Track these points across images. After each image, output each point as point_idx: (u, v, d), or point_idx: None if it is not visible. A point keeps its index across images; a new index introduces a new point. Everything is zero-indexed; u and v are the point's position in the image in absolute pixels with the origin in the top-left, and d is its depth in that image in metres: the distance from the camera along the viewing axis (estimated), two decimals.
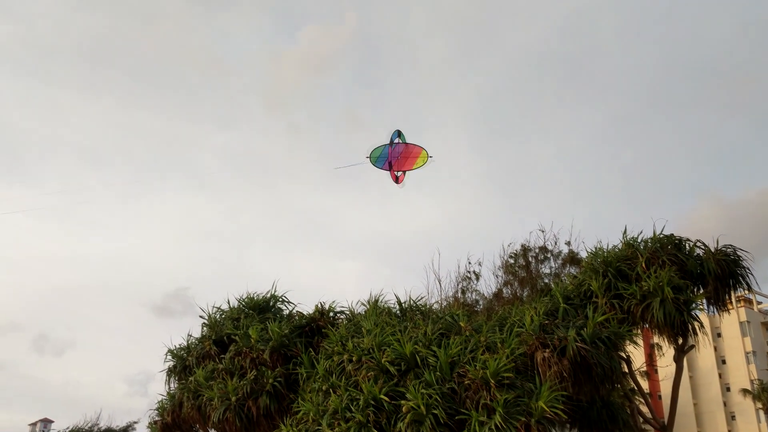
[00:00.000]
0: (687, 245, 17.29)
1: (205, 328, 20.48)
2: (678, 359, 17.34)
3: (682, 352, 17.10)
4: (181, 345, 20.46)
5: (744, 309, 72.50)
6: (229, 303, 20.96)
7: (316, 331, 18.62)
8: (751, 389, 63.17)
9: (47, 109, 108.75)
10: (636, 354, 18.44)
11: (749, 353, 71.05)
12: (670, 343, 16.83)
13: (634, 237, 17.43)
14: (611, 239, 17.92)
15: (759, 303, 76.59)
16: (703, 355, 67.00)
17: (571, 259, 32.01)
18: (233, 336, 18.84)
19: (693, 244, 17.31)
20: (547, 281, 30.83)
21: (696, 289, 17.06)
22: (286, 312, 20.74)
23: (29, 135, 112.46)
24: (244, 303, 20.84)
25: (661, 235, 17.24)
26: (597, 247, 17.76)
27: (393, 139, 22.98)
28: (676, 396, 17.78)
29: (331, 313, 19.36)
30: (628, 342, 16.03)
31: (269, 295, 21.01)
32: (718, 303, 17.24)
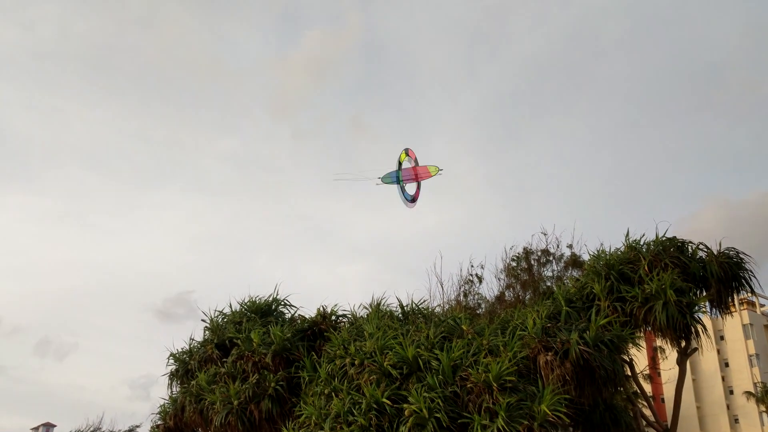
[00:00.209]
0: (689, 248, 17.26)
1: (208, 331, 20.48)
2: (681, 362, 17.30)
3: (684, 354, 17.06)
4: (184, 349, 20.46)
5: (747, 312, 72.33)
6: (232, 307, 20.98)
7: (318, 335, 18.61)
8: (755, 392, 63.02)
9: (51, 116, 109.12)
10: (639, 357, 18.41)
11: (752, 356, 70.88)
12: (672, 346, 16.79)
13: (636, 240, 17.40)
14: (614, 242, 17.95)
15: (762, 306, 76.41)
16: (706, 358, 66.73)
17: (574, 262, 31.95)
18: (235, 340, 18.84)
19: (696, 246, 17.27)
20: (550, 284, 30.76)
21: (699, 292, 17.02)
22: (288, 316, 20.73)
23: (33, 141, 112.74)
24: (246, 307, 20.83)
25: (664, 238, 17.22)
26: (599, 250, 17.75)
27: (401, 162, 22.60)
28: (679, 399, 17.73)
29: (334, 317, 19.36)
30: (630, 345, 16.01)
31: (271, 299, 21.01)
32: (720, 306, 17.20)
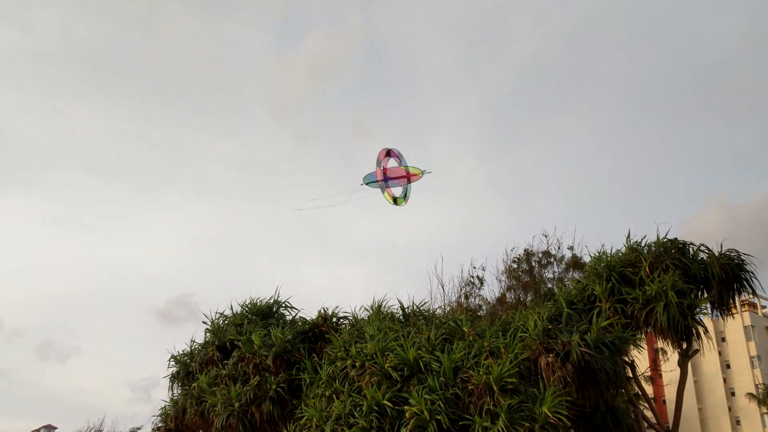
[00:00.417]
0: (691, 249, 17.24)
1: (209, 333, 20.48)
2: (682, 364, 17.27)
3: (686, 356, 17.04)
4: (185, 351, 20.47)
5: (748, 313, 72.29)
6: (233, 309, 20.98)
7: (319, 337, 18.61)
8: (756, 393, 63.01)
9: (51, 118, 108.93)
10: (640, 359, 18.40)
11: (754, 357, 70.84)
12: (674, 348, 16.77)
13: (637, 241, 17.38)
14: (614, 244, 17.89)
15: (763, 307, 76.39)
16: (708, 360, 66.66)
17: (575, 264, 31.92)
18: (236, 342, 18.83)
19: (697, 248, 17.25)
20: (551, 286, 30.75)
21: (700, 294, 17.00)
22: (289, 318, 20.73)
23: (33, 144, 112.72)
24: (247, 309, 20.84)
25: (665, 240, 17.20)
26: (600, 252, 17.73)
27: (380, 163, 21.77)
28: (680, 401, 17.70)
29: (334, 319, 19.36)
30: (632, 347, 16.00)
31: (272, 301, 21.01)
32: (722, 307, 17.18)
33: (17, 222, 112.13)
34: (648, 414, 18.69)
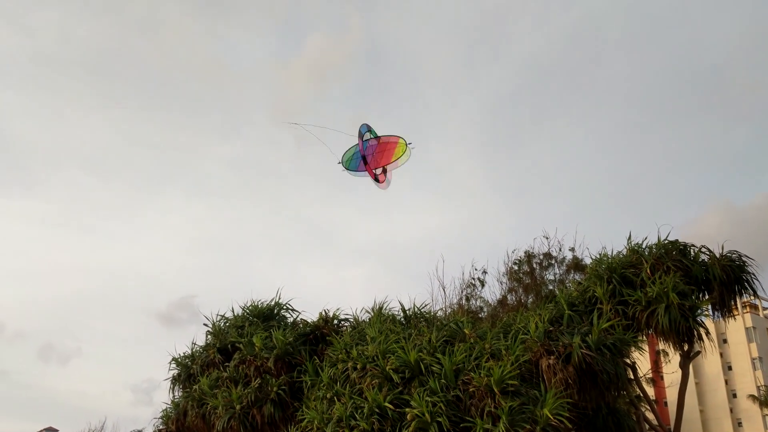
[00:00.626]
0: (692, 251, 17.22)
1: (210, 336, 20.48)
2: (684, 365, 17.25)
3: (687, 358, 17.02)
4: (186, 353, 20.46)
5: (750, 315, 72.20)
6: (234, 311, 20.98)
7: (320, 339, 18.61)
8: (758, 395, 62.90)
9: (52, 120, 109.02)
10: (641, 360, 18.37)
11: (755, 359, 70.73)
12: (675, 350, 16.74)
13: (638, 243, 17.37)
14: (616, 245, 17.90)
15: (765, 309, 76.28)
16: (709, 362, 66.63)
17: (576, 266, 31.89)
18: (237, 344, 18.83)
19: (698, 249, 17.24)
20: (552, 288, 30.74)
21: (701, 295, 16.98)
22: (290, 320, 20.72)
23: (34, 146, 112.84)
24: (248, 311, 20.84)
25: (666, 241, 17.18)
26: (601, 254, 17.72)
27: (362, 134, 20.00)
28: (682, 402, 17.68)
29: (336, 321, 19.36)
30: (633, 348, 15.97)
31: (273, 303, 21.00)
32: (723, 309, 17.16)
33: (19, 224, 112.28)
34: (649, 416, 18.67)
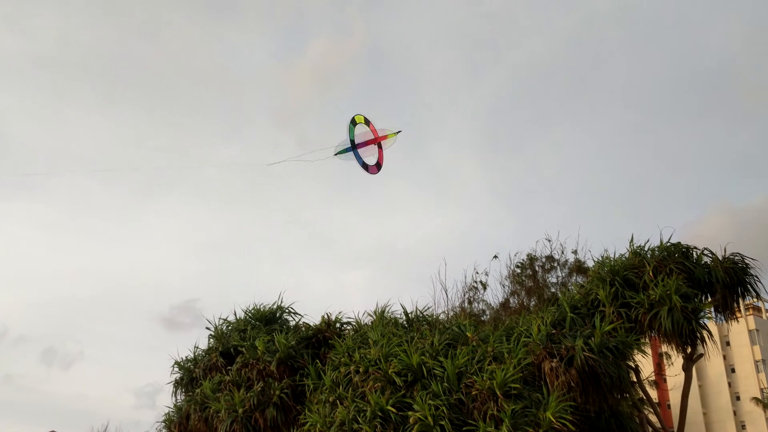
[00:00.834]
0: (694, 253, 17.21)
1: (212, 339, 20.48)
2: (687, 368, 17.23)
3: (690, 360, 17.00)
4: (188, 357, 20.46)
5: (753, 317, 72.12)
6: (236, 314, 20.97)
7: (322, 343, 18.59)
8: (761, 397, 62.82)
9: (54, 123, 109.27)
10: (644, 363, 18.34)
11: (758, 362, 70.65)
12: (678, 352, 16.72)
13: (641, 245, 17.35)
14: (618, 248, 17.87)
15: None
16: (713, 364, 66.65)
17: (578, 269, 31.85)
18: (240, 348, 18.83)
19: (700, 252, 17.22)
20: (554, 291, 30.72)
21: (704, 298, 16.95)
22: (292, 323, 20.71)
23: (36, 149, 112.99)
24: (250, 314, 20.83)
25: (668, 244, 17.16)
26: (604, 256, 17.71)
27: (352, 129, 20.74)
28: (685, 405, 17.66)
29: (338, 324, 19.34)
30: (636, 351, 15.96)
31: (276, 307, 20.99)
32: (726, 311, 17.11)
33: (21, 228, 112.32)
34: (653, 419, 18.63)
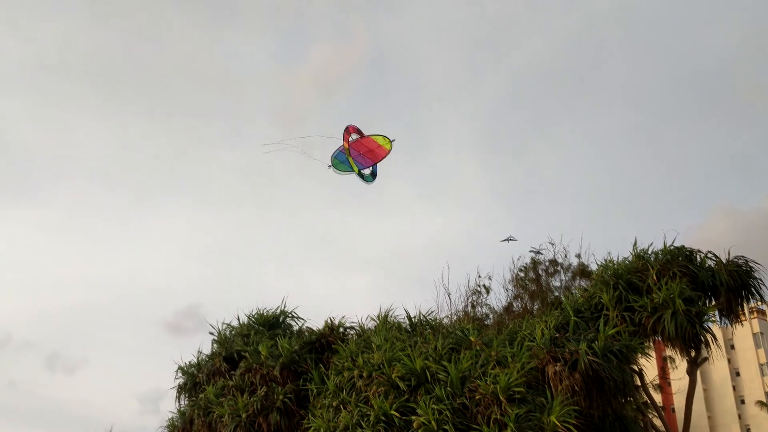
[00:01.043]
0: (698, 257, 17.18)
1: (216, 344, 20.51)
2: (691, 372, 17.19)
3: (695, 364, 16.96)
4: (192, 362, 20.48)
5: (757, 320, 71.82)
6: (239, 319, 21.00)
7: (326, 347, 18.59)
8: (766, 401, 62.52)
9: (56, 128, 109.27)
10: (648, 367, 18.30)
11: (763, 365, 70.34)
12: (682, 356, 16.69)
13: (644, 249, 17.34)
14: (621, 251, 17.83)
15: None
16: (717, 368, 66.28)
17: (582, 272, 31.75)
18: (243, 352, 18.85)
19: (704, 255, 17.19)
20: (558, 294, 30.65)
21: (708, 301, 16.92)
22: (295, 328, 20.74)
23: (38, 154, 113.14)
24: (254, 319, 20.86)
25: (672, 247, 17.15)
26: (607, 260, 17.67)
27: (349, 133, 20.85)
28: (689, 409, 17.61)
29: (341, 329, 19.34)
30: (640, 355, 15.93)
31: (279, 311, 21.03)
32: (730, 315, 17.07)
33: (24, 233, 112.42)
34: (657, 423, 18.57)
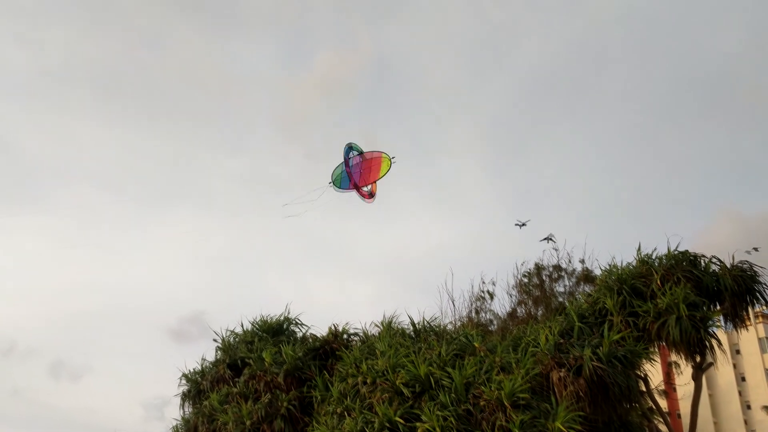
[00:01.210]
0: (702, 261, 17.15)
1: (219, 351, 20.49)
2: (696, 377, 17.12)
3: (700, 369, 16.89)
4: (196, 369, 20.46)
5: (762, 325, 71.56)
6: (243, 326, 21.00)
7: (330, 354, 18.58)
8: None
9: (60, 136, 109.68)
10: (653, 372, 18.23)
11: None
12: (687, 361, 16.63)
13: (648, 254, 17.32)
14: (625, 257, 17.81)
15: None
16: (722, 373, 65.99)
17: (585, 277, 31.71)
18: (247, 359, 18.83)
19: (708, 260, 17.16)
20: (562, 300, 30.59)
21: (712, 306, 16.87)
22: (299, 335, 20.73)
23: (43, 162, 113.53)
24: (257, 326, 20.86)
25: (676, 252, 17.13)
26: (611, 265, 17.66)
27: (347, 156, 21.74)
28: (695, 415, 17.53)
29: (345, 335, 19.33)
30: (644, 360, 15.88)
31: (283, 318, 21.03)
32: (735, 319, 17.04)
33: (29, 241, 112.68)
34: (662, 428, 18.49)
